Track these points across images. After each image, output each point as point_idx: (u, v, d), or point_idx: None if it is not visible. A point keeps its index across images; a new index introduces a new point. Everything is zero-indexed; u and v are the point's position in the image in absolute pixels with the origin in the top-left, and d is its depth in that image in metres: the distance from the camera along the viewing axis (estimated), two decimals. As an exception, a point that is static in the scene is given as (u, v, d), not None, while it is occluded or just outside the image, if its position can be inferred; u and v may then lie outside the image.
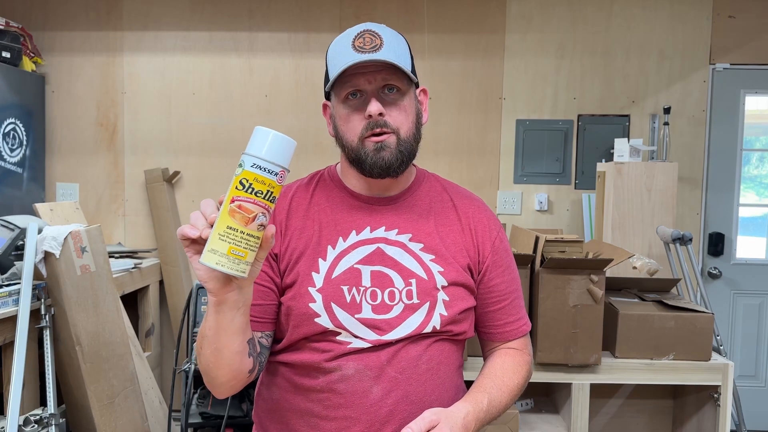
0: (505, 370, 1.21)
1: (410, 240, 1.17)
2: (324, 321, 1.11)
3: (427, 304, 1.14)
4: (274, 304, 1.16)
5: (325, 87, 1.18)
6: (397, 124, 1.13)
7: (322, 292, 1.12)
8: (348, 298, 1.12)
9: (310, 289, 1.13)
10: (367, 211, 1.19)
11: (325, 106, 1.22)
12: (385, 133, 1.12)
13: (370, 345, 1.11)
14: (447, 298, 1.15)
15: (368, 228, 1.18)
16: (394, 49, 1.12)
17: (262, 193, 0.88)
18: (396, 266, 1.15)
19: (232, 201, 0.87)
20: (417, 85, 1.19)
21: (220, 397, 1.12)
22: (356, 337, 1.11)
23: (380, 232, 1.17)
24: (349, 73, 1.10)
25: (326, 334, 1.11)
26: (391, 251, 1.15)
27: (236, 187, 0.88)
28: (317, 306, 1.12)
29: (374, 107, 1.10)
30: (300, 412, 1.14)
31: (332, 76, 1.12)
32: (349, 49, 1.10)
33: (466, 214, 1.23)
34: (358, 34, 1.12)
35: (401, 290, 1.13)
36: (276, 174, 0.88)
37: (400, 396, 1.11)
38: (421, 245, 1.17)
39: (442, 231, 1.20)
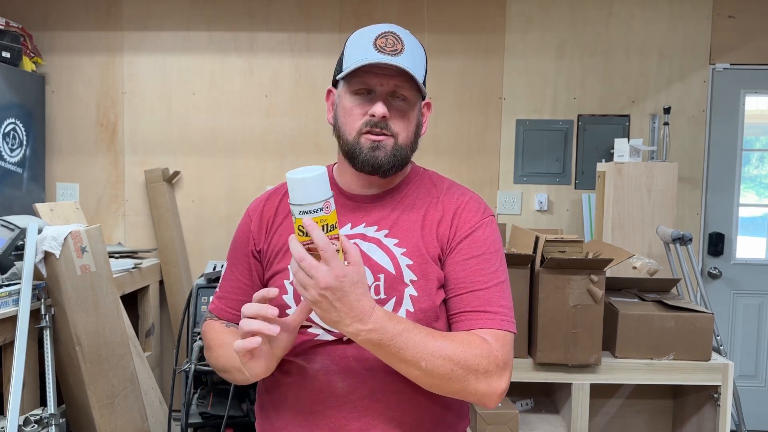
0: (451, 335, 1.08)
1: (386, 236, 1.17)
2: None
3: (394, 299, 1.13)
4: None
5: (335, 74, 1.18)
6: (397, 129, 1.14)
7: (294, 284, 1.14)
8: None
9: (285, 282, 1.15)
10: (351, 209, 1.20)
11: (329, 92, 1.23)
12: (384, 134, 1.13)
13: (334, 338, 1.11)
14: (415, 294, 1.13)
15: (349, 225, 1.19)
16: (412, 58, 1.13)
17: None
18: (368, 262, 1.14)
19: (304, 244, 0.97)
20: (423, 98, 1.20)
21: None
22: (323, 329, 1.12)
23: (360, 229, 1.18)
24: (364, 71, 1.11)
25: (300, 327, 1.12)
26: (366, 247, 1.15)
27: (299, 234, 0.98)
28: (288, 298, 1.14)
29: (380, 109, 1.11)
30: (285, 407, 1.16)
31: (347, 66, 1.12)
32: (370, 46, 1.11)
33: (450, 206, 1.21)
34: (381, 33, 1.13)
35: (370, 286, 1.13)
36: (321, 209, 0.96)
37: (366, 392, 1.10)
38: (396, 240, 1.16)
39: (422, 225, 1.19)
